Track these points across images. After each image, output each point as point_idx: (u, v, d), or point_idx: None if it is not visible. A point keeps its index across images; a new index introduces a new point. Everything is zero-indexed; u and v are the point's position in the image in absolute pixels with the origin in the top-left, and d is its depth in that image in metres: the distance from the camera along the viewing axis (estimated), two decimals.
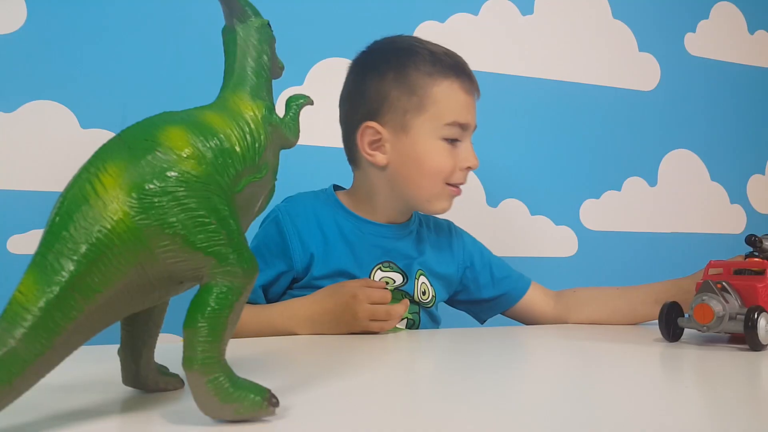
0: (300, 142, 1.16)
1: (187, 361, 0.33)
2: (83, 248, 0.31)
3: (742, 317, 0.62)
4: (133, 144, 0.34)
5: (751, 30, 1.64)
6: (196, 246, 0.33)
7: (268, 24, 0.43)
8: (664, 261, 1.50)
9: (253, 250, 0.36)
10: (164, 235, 0.32)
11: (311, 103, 0.44)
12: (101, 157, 0.34)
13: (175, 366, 0.42)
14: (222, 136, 0.36)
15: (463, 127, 0.86)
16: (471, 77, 0.89)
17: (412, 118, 0.84)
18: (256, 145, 0.38)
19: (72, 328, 0.31)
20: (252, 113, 0.39)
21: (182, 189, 0.33)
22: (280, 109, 0.40)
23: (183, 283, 0.35)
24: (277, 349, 0.65)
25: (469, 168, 0.87)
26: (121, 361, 0.41)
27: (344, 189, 0.95)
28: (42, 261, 0.31)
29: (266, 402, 0.34)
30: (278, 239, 0.85)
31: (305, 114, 1.06)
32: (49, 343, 0.30)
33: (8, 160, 1.03)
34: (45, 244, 0.32)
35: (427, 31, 1.31)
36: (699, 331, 0.66)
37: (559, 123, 1.42)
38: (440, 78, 0.85)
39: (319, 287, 0.81)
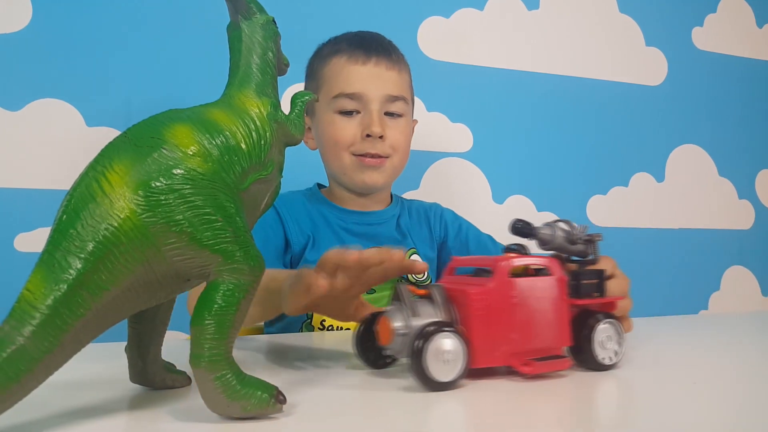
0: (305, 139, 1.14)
1: (195, 358, 0.33)
2: (90, 246, 0.31)
3: None
4: (139, 142, 0.34)
5: (760, 24, 1.62)
6: (202, 243, 0.33)
7: (273, 21, 0.43)
8: (672, 257, 1.49)
9: (254, 232, 0.36)
10: (171, 232, 0.32)
11: (316, 99, 0.44)
12: (107, 155, 0.34)
13: (183, 363, 0.42)
14: (228, 133, 0.36)
15: (352, 96, 0.87)
16: (365, 47, 0.89)
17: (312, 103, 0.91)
18: (262, 142, 0.37)
19: (80, 326, 0.31)
20: (257, 110, 0.38)
21: (188, 186, 0.33)
22: (284, 106, 0.40)
23: (189, 280, 0.35)
24: (285, 346, 0.65)
25: (368, 136, 0.86)
26: (128, 358, 0.41)
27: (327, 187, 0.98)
28: (49, 259, 0.31)
29: (273, 399, 0.34)
30: (276, 219, 0.88)
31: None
32: (57, 341, 0.31)
33: (14, 158, 1.03)
34: (52, 242, 0.32)
35: (432, 26, 1.31)
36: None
37: (566, 118, 1.42)
38: (331, 57, 0.90)
39: None
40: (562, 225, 0.52)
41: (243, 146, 0.36)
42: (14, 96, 1.04)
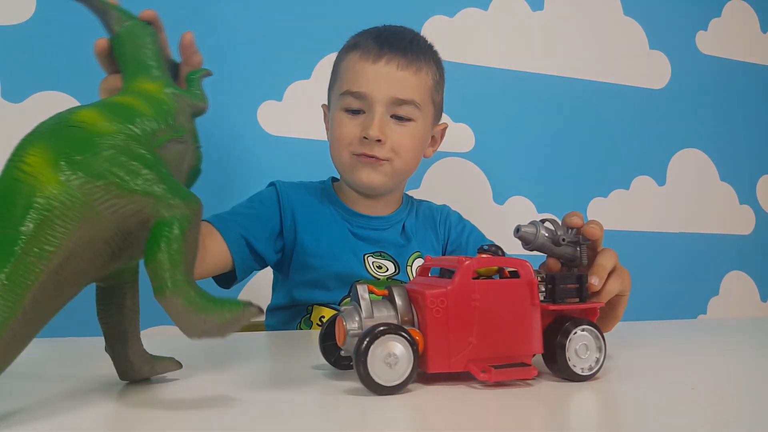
0: (311, 136, 1.15)
1: (158, 290, 0.33)
2: (26, 217, 0.32)
3: None
4: (47, 129, 0.36)
5: (764, 28, 1.62)
6: (131, 188, 0.34)
7: (145, 22, 0.50)
8: (671, 261, 1.49)
9: (247, 202, 0.36)
10: (97, 187, 0.33)
11: (210, 74, 0.50)
12: (20, 147, 0.35)
13: (169, 353, 0.43)
14: (130, 106, 0.39)
15: (357, 96, 0.83)
16: (380, 43, 0.84)
17: (330, 95, 0.91)
18: (165, 107, 0.41)
19: (38, 290, 0.32)
20: (153, 88, 0.43)
21: (106, 145, 0.35)
22: (288, 105, 0.40)
23: (132, 233, 0.35)
24: (282, 345, 0.65)
25: (365, 138, 0.82)
26: (111, 357, 0.41)
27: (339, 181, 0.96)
28: None
29: (247, 306, 0.34)
30: (275, 203, 0.87)
31: (317, 110, 1.04)
32: (20, 305, 0.31)
33: None
34: None
35: (436, 26, 1.31)
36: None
37: (568, 120, 1.42)
38: (348, 51, 0.87)
39: (312, 266, 0.83)
40: (547, 225, 0.49)
41: (146, 112, 0.39)
42: (16, 88, 1.04)
